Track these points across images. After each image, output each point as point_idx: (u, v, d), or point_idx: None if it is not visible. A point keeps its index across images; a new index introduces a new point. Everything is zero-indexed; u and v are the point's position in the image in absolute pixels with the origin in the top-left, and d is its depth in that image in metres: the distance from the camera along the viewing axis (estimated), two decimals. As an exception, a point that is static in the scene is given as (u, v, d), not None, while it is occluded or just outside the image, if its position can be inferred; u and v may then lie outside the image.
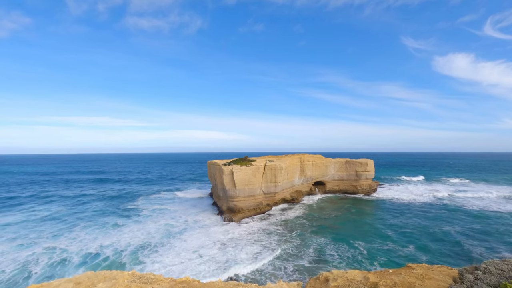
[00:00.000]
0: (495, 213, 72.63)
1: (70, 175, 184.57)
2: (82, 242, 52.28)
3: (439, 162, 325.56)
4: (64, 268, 41.64)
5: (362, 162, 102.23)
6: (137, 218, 69.87)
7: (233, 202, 70.26)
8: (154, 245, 50.28)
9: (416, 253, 45.78)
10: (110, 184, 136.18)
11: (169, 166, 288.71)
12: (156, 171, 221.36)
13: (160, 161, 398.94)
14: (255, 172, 72.77)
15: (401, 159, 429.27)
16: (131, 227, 62.08)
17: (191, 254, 45.37)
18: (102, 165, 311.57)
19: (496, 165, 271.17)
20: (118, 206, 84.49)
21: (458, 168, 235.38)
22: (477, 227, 59.87)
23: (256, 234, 55.70)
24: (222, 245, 49.58)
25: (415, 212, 74.84)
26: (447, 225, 61.85)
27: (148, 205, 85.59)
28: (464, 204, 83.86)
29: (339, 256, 44.65)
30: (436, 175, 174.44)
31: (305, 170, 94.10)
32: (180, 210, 78.50)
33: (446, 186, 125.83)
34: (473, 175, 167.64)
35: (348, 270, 9.21)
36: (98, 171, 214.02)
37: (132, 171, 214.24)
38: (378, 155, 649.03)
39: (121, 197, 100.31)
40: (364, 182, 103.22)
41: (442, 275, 8.64)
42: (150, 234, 56.64)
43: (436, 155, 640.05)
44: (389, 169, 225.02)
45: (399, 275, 8.70)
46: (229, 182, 69.50)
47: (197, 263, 41.35)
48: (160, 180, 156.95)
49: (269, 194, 77.59)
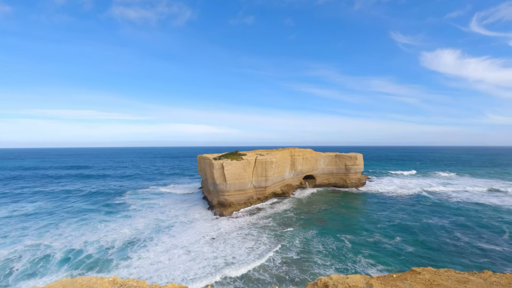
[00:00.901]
0: (479, 205, 74.93)
1: (55, 170, 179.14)
2: (67, 238, 50.82)
3: (426, 156, 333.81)
4: (46, 264, 40.44)
5: (351, 156, 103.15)
6: (125, 213, 68.50)
7: (224, 197, 69.65)
8: (143, 240, 49.38)
9: (403, 245, 46.62)
10: (96, 179, 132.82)
11: (159, 160, 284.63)
12: (145, 165, 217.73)
13: (149, 155, 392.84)
14: (245, 166, 72.16)
15: (390, 153, 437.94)
16: (119, 222, 60.76)
17: (180, 250, 44.62)
18: (88, 159, 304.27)
19: (480, 159, 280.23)
20: (106, 201, 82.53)
21: (444, 162, 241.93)
22: (462, 219, 61.58)
23: (246, 228, 55.49)
24: (212, 239, 49.08)
25: (402, 205, 76.27)
26: (434, 217, 63.31)
27: (137, 200, 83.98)
28: (451, 197, 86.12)
29: (325, 248, 45.12)
30: (424, 168, 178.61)
31: (296, 164, 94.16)
32: (169, 204, 77.37)
33: (433, 179, 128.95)
34: (459, 169, 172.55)
35: (349, 275, 8.64)
36: (84, 166, 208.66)
37: (119, 166, 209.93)
38: (367, 149, 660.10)
39: (109, 192, 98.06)
40: (353, 176, 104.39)
41: (450, 280, 8.17)
42: (138, 229, 55.54)
43: (423, 149, 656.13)
44: (378, 163, 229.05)
45: (404, 281, 8.17)
46: (220, 177, 68.72)
47: (186, 260, 40.59)
48: (149, 174, 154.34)
49: (259, 188, 77.33)
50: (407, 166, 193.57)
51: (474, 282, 7.76)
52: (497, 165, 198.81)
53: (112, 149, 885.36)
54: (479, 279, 7.94)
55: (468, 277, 8.19)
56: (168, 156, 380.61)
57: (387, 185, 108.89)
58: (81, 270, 38.49)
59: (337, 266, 38.63)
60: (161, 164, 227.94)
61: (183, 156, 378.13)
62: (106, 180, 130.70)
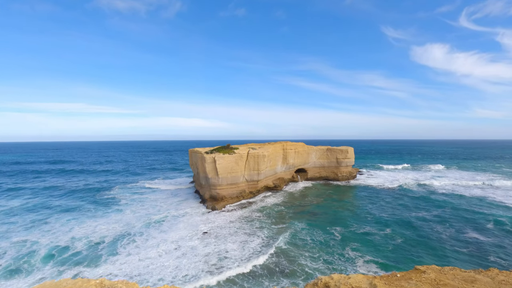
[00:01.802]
0: (465, 197, 76.91)
1: (43, 164, 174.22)
2: (55, 234, 49.57)
3: (415, 150, 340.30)
4: (31, 260, 39.28)
5: (342, 149, 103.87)
6: (115, 208, 67.40)
7: (216, 190, 69.15)
8: (133, 235, 48.57)
9: (392, 236, 47.57)
10: (85, 174, 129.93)
11: (149, 154, 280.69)
12: (135, 159, 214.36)
13: (139, 150, 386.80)
14: (238, 160, 71.64)
15: (380, 146, 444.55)
16: (109, 217, 59.65)
17: (171, 245, 43.96)
18: (77, 153, 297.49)
19: (466, 152, 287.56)
20: (95, 196, 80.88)
21: (433, 155, 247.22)
22: (449, 210, 63.03)
23: (238, 222, 55.31)
24: (204, 234, 48.69)
25: (392, 197, 77.50)
26: (423, 209, 64.59)
27: (127, 194, 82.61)
28: (439, 190, 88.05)
29: (313, 240, 45.58)
30: (413, 161, 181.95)
31: (288, 157, 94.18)
32: (160, 199, 76.39)
33: (423, 172, 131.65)
34: (447, 162, 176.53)
35: (351, 275, 8.28)
36: (72, 160, 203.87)
37: (109, 160, 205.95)
38: (358, 142, 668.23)
39: (98, 187, 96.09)
40: (344, 169, 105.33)
41: (457, 279, 7.89)
42: (129, 224, 54.60)
43: (413, 143, 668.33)
44: (369, 156, 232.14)
45: (409, 280, 7.85)
46: (212, 170, 68.06)
47: (177, 256, 39.87)
48: (139, 169, 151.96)
49: (252, 182, 77.09)
50: (397, 160, 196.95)
51: (481, 281, 7.54)
52: (482, 158, 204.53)
53: (102, 143, 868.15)
54: (486, 278, 7.73)
55: (474, 275, 7.98)
56: (159, 150, 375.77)
57: (377, 178, 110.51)
58: (67, 266, 37.52)
59: (325, 258, 39.13)
60: (152, 158, 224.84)
61: (174, 150, 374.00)
62: (95, 174, 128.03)
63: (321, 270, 35.64)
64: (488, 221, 54.89)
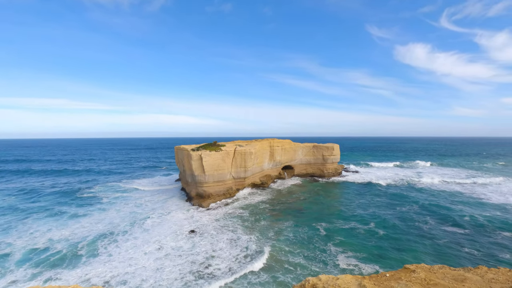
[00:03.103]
0: (447, 193, 79.85)
1: (20, 163, 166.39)
2: (32, 235, 47.40)
3: (399, 147, 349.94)
4: (5, 263, 37.31)
5: (328, 146, 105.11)
6: (98, 206, 65.35)
7: (202, 188, 68.27)
8: (115, 235, 47.01)
9: (375, 230, 48.84)
10: (66, 173, 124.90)
11: (134, 152, 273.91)
12: (119, 157, 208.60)
13: (124, 147, 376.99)
14: (224, 157, 70.96)
15: (365, 144, 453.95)
16: (91, 216, 57.65)
17: (155, 245, 42.76)
18: (57, 151, 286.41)
19: (446, 149, 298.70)
20: (76, 195, 77.88)
21: (415, 152, 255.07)
22: (431, 206, 64.99)
23: (224, 220, 54.82)
24: (190, 233, 47.92)
25: (377, 193, 79.26)
26: (406, 204, 66.43)
27: (109, 193, 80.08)
28: (421, 186, 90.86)
29: (295, 237, 45.91)
30: (397, 158, 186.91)
31: (275, 154, 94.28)
32: (145, 197, 74.61)
33: (406, 169, 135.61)
34: (430, 159, 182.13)
35: (339, 276, 8.06)
36: (52, 159, 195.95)
37: (92, 158, 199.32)
38: (344, 140, 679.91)
39: (80, 186, 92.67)
40: (330, 166, 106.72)
41: (447, 278, 7.81)
42: (111, 223, 52.94)
43: (396, 140, 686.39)
44: (354, 153, 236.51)
45: (399, 280, 7.71)
46: (198, 168, 67.07)
47: (161, 257, 38.70)
48: (124, 166, 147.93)
49: (239, 179, 76.67)
50: (381, 157, 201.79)
51: (471, 279, 7.52)
52: (462, 155, 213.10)
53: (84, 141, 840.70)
54: (476, 276, 7.72)
55: (464, 274, 7.96)
56: (144, 147, 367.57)
57: (362, 175, 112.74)
58: (42, 269, 35.81)
59: (305, 254, 39.48)
60: (137, 156, 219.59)
61: (160, 147, 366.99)
62: (77, 173, 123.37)
63: (302, 265, 35.97)
64: (465, 215, 57.07)
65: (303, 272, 34.44)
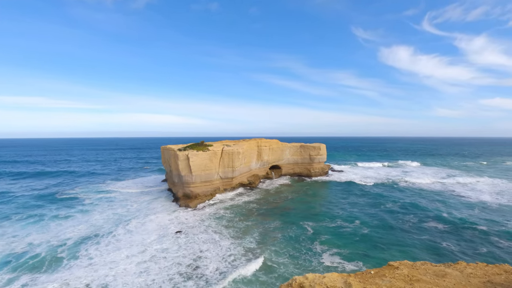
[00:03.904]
0: (427, 191, 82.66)
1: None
2: (10, 239, 45.25)
3: (384, 146, 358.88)
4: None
5: (315, 146, 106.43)
6: (80, 208, 63.24)
7: (189, 188, 67.51)
8: (98, 237, 45.62)
9: (360, 228, 50.09)
10: (45, 174, 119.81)
11: (119, 152, 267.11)
12: (103, 158, 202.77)
13: (107, 147, 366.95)
14: (212, 157, 70.45)
15: (351, 143, 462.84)
16: (73, 219, 55.73)
17: (140, 247, 41.70)
18: (34, 152, 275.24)
19: (428, 148, 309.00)
20: (55, 196, 75.00)
21: (399, 151, 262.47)
22: (414, 203, 67.07)
23: (211, 220, 54.39)
24: (176, 234, 47.22)
25: (361, 192, 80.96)
26: (389, 202, 68.25)
27: (92, 194, 77.66)
28: (405, 184, 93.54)
29: (282, 236, 46.17)
30: (382, 158, 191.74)
31: (262, 154, 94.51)
32: (130, 198, 72.93)
33: (391, 168, 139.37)
34: (413, 158, 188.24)
35: (325, 274, 8.20)
36: (29, 160, 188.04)
37: (73, 159, 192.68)
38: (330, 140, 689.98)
39: (60, 188, 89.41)
40: (317, 165, 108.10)
41: (429, 274, 8.13)
42: (94, 225, 51.38)
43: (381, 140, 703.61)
44: (340, 153, 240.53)
45: (383, 277, 7.93)
46: (185, 168, 66.26)
47: (146, 259, 37.71)
48: (107, 167, 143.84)
49: (226, 179, 76.32)
50: (367, 156, 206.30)
51: (451, 275, 7.84)
52: (444, 155, 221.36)
53: (65, 140, 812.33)
54: (455, 272, 8.05)
55: (445, 269, 8.28)
56: (129, 147, 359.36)
57: (348, 174, 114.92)
58: (20, 273, 34.32)
59: (292, 253, 39.85)
60: (121, 156, 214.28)
61: (145, 147, 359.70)
62: (57, 175, 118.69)
63: (286, 264, 36.29)
64: (446, 213, 59.33)
65: (287, 271, 34.68)
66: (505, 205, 65.17)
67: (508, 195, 76.22)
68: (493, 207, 63.38)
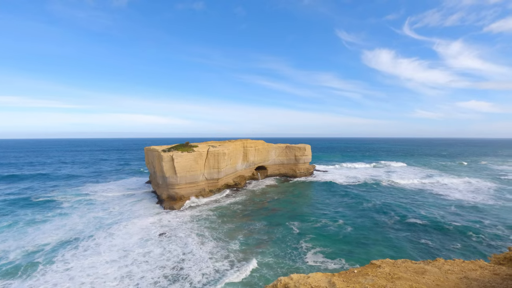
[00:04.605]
0: (407, 190, 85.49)
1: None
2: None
3: (367, 147, 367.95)
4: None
5: (300, 147, 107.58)
6: (59, 211, 60.69)
7: (174, 190, 66.33)
8: (78, 241, 43.81)
9: (343, 227, 51.21)
10: (20, 178, 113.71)
11: (100, 153, 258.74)
12: (83, 159, 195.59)
13: (88, 148, 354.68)
14: (197, 158, 69.57)
15: (335, 144, 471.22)
16: (52, 222, 53.30)
17: (121, 252, 40.37)
18: (8, 153, 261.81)
19: (410, 149, 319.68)
20: (31, 200, 71.46)
21: (382, 152, 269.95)
22: (395, 202, 69.15)
23: (195, 222, 53.62)
24: (160, 236, 46.18)
25: (345, 191, 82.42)
26: (372, 201, 69.83)
27: (70, 196, 74.46)
28: (387, 183, 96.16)
29: (268, 237, 46.32)
30: (365, 158, 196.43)
31: (248, 155, 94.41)
32: (112, 201, 70.63)
33: (374, 168, 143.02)
34: (396, 158, 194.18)
35: (310, 274, 8.25)
36: (2, 162, 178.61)
37: (48, 161, 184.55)
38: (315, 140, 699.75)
39: (36, 192, 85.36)
40: (302, 166, 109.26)
41: (409, 272, 8.35)
42: (73, 229, 49.37)
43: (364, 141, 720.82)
44: (324, 153, 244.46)
45: (366, 276, 8.08)
46: (169, 169, 65.05)
47: (127, 264, 36.63)
48: (88, 169, 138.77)
49: (212, 180, 75.60)
50: (350, 157, 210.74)
51: (430, 272, 8.11)
52: (422, 155, 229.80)
53: (43, 141, 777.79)
54: (434, 268, 8.33)
55: (424, 267, 8.55)
56: (111, 148, 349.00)
57: (332, 174, 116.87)
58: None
59: (277, 253, 40.08)
60: (103, 158, 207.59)
61: (128, 148, 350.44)
62: (33, 178, 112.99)
63: (271, 265, 36.39)
64: (426, 211, 61.62)
65: (272, 271, 34.66)
66: (481, 203, 68.41)
67: (483, 193, 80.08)
68: (469, 205, 66.33)
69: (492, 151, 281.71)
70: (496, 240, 44.79)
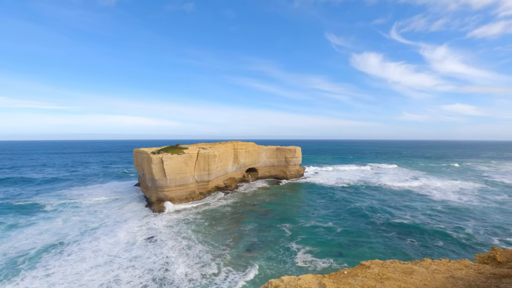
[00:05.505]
0: (394, 190, 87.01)
1: None
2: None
3: (356, 149, 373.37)
4: None
5: (291, 149, 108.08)
6: (42, 215, 58.79)
7: (163, 192, 65.36)
8: (63, 246, 42.49)
9: (334, 227, 51.73)
10: (0, 182, 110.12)
11: (86, 156, 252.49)
12: (69, 162, 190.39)
13: (74, 150, 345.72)
14: (187, 160, 68.83)
15: (325, 146, 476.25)
16: (34, 226, 51.45)
17: (107, 257, 39.29)
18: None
19: (399, 151, 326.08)
20: (12, 203, 68.95)
21: (371, 154, 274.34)
22: (384, 204, 70.28)
23: (184, 225, 52.89)
24: (147, 240, 45.29)
25: (335, 193, 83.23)
26: (362, 202, 70.76)
27: (53, 200, 72.20)
28: (376, 185, 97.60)
29: (259, 239, 46.25)
30: (354, 160, 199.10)
31: (239, 157, 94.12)
32: (99, 204, 68.94)
33: (363, 170, 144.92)
34: (385, 160, 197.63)
35: (300, 276, 8.19)
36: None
37: (31, 164, 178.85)
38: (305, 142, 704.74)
39: (18, 195, 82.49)
40: (292, 168, 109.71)
41: (397, 272, 8.44)
42: (58, 234, 47.81)
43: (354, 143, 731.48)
44: (314, 155, 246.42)
45: (355, 277, 8.11)
46: (159, 172, 64.09)
47: (114, 268, 35.79)
48: (73, 172, 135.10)
49: (202, 182, 74.91)
50: (340, 159, 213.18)
51: (418, 272, 8.21)
52: (410, 156, 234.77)
53: (26, 143, 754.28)
54: (422, 268, 8.44)
55: (412, 267, 8.65)
56: (98, 150, 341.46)
57: (322, 176, 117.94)
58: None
59: (268, 255, 40.07)
60: (90, 160, 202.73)
61: (117, 150, 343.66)
62: (14, 181, 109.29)
63: (261, 267, 36.24)
64: (412, 211, 62.86)
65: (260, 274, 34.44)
66: (466, 204, 70.30)
67: (468, 194, 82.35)
68: (455, 206, 68.00)
69: (475, 153, 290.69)
70: (480, 239, 46.03)
